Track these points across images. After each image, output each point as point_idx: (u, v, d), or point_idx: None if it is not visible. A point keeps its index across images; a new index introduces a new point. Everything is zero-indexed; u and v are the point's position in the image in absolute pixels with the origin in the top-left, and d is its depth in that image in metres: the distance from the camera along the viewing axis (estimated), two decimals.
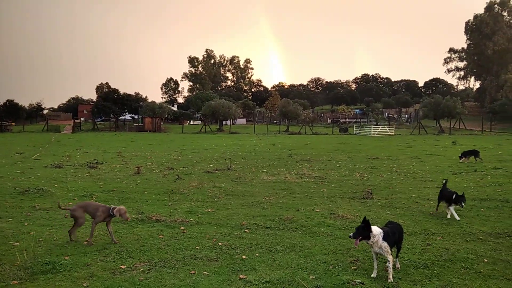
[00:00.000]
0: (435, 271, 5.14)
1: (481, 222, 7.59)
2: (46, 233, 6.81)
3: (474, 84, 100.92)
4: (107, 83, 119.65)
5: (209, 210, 8.72)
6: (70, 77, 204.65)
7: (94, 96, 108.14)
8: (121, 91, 73.46)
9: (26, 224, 7.48)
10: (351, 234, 4.98)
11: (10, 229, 7.09)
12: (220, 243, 6.33)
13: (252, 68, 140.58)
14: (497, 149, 25.13)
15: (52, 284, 4.72)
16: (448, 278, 4.91)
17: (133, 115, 74.39)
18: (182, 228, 7.23)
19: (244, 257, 5.70)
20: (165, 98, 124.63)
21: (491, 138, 39.09)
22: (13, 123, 61.91)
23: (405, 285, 4.72)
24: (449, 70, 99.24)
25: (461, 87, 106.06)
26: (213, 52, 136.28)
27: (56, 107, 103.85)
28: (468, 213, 8.38)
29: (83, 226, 7.34)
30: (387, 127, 53.10)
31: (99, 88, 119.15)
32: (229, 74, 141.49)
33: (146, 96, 78.88)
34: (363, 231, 4.89)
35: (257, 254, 5.83)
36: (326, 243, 6.36)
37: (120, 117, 70.87)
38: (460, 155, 18.61)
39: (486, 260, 5.49)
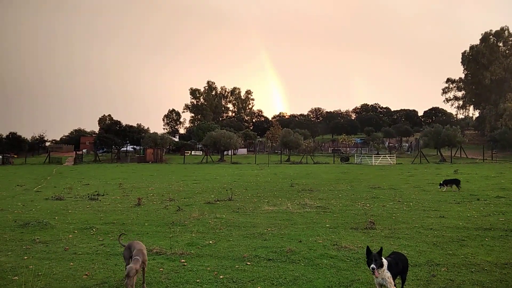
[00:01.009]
0: None
1: (486, 252, 7.49)
2: (46, 267, 6.73)
3: (473, 113, 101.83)
4: (109, 115, 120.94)
5: (210, 241, 8.63)
6: (73, 109, 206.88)
7: (96, 128, 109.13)
8: (123, 122, 74.30)
9: (25, 257, 7.40)
10: (373, 265, 4.80)
11: (9, 263, 7.01)
12: (221, 276, 6.24)
13: (253, 99, 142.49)
14: (500, 178, 25.03)
15: None
16: None
17: (135, 146, 74.77)
18: (182, 260, 7.14)
19: None
20: (166, 129, 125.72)
21: (493, 167, 39.01)
22: (15, 156, 62.19)
23: None
24: (447, 100, 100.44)
25: (460, 116, 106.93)
26: (214, 83, 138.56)
27: (58, 139, 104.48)
28: (473, 243, 8.28)
29: (80, 259, 7.27)
30: (388, 156, 53.12)
31: (102, 120, 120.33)
32: (230, 105, 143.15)
33: (148, 127, 79.74)
34: (380, 260, 4.81)
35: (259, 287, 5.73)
36: (329, 275, 6.27)
37: (122, 148, 71.18)
38: (440, 183, 18.88)
39: None
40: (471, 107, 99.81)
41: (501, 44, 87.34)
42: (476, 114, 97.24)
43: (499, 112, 71.70)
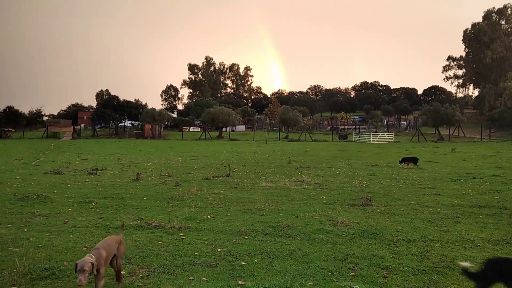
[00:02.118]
0: (434, 278, 5.15)
1: (480, 229, 7.61)
2: (46, 239, 6.82)
3: (473, 92, 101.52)
4: (107, 90, 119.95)
5: (208, 216, 8.73)
6: (70, 83, 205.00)
7: (94, 103, 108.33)
8: (121, 98, 73.84)
9: (25, 230, 7.49)
10: None
11: (9, 235, 7.10)
12: (219, 250, 6.34)
13: (251, 76, 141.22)
14: (496, 156, 25.19)
15: None
16: (446, 284, 4.93)
17: (132, 122, 74.52)
18: (181, 234, 7.24)
19: (243, 263, 5.72)
20: (164, 105, 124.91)
21: (490, 146, 39.18)
22: (13, 130, 62.00)
23: None
24: (447, 78, 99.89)
25: (460, 95, 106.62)
26: (212, 59, 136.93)
27: (56, 113, 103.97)
28: (467, 220, 8.40)
29: (79, 231, 7.36)
30: (387, 134, 53.21)
31: (99, 95, 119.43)
32: (228, 81, 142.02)
33: (146, 103, 79.03)
34: None
35: (255, 260, 5.84)
36: (325, 249, 6.38)
37: (120, 124, 70.97)
38: (400, 160, 19.69)
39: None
40: (471, 86, 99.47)
41: (503, 22, 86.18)
42: (476, 93, 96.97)
43: (499, 91, 71.44)
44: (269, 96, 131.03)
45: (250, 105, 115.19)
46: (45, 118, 79.07)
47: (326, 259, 5.90)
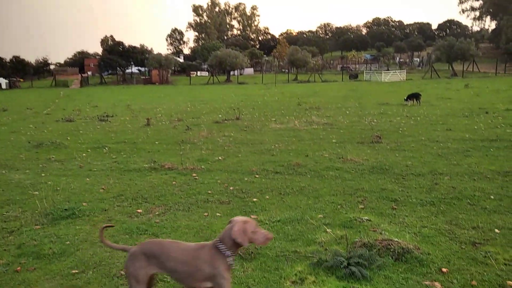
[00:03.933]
0: (442, 208, 5.26)
1: (490, 162, 7.63)
2: (63, 183, 7.05)
3: (489, 24, 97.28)
4: (111, 36, 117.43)
5: (220, 158, 8.87)
6: (74, 30, 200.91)
7: (99, 50, 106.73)
8: (126, 43, 72.36)
9: (43, 175, 7.73)
10: None
11: (28, 179, 7.35)
12: (231, 188, 6.51)
13: (258, 15, 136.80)
14: (511, 91, 24.62)
15: (72, 227, 4.97)
16: (454, 214, 5.04)
17: (139, 68, 73.75)
18: (194, 175, 7.41)
19: (254, 199, 5.88)
20: (170, 49, 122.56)
21: (505, 80, 38.16)
22: (21, 80, 62.01)
23: (411, 220, 4.86)
24: (463, 10, 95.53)
25: (476, 28, 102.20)
26: None
27: (62, 62, 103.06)
28: (477, 153, 8.40)
29: (95, 175, 7.58)
30: (399, 72, 51.97)
31: (104, 42, 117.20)
32: (235, 23, 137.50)
33: (151, 48, 77.58)
34: None
35: (267, 197, 6.00)
36: (334, 185, 6.50)
37: (127, 70, 70.35)
38: (405, 98, 19.22)
39: (492, 197, 5.58)
40: (488, 18, 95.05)
41: None
42: (493, 26, 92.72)
43: None
44: (277, 37, 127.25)
45: (257, 47, 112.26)
46: (51, 66, 78.69)
47: (335, 193, 6.04)
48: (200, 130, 12.81)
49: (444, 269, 3.66)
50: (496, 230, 4.47)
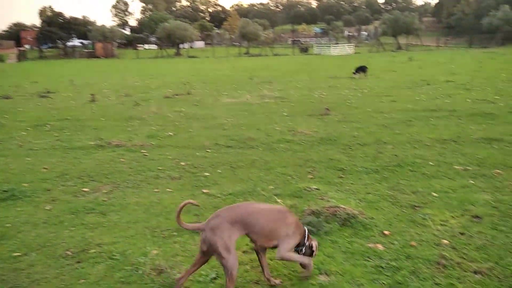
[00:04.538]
0: (385, 175, 5.53)
1: (430, 131, 8.08)
2: (1, 163, 6.63)
3: None
4: (50, 7, 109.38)
5: (170, 133, 8.71)
6: (7, 0, 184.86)
7: (37, 21, 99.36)
8: (67, 14, 67.92)
9: None
10: None
11: None
12: (182, 163, 6.43)
13: None
14: (450, 63, 26.01)
15: (13, 209, 4.71)
16: (396, 180, 5.32)
17: (82, 41, 69.68)
18: (143, 151, 7.24)
19: (206, 174, 5.87)
20: (115, 21, 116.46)
21: (445, 53, 40.21)
22: None
23: (357, 188, 5.08)
24: None
25: (420, 2, 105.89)
26: None
27: None
28: (419, 123, 8.87)
29: (36, 154, 7.19)
30: (347, 46, 53.06)
31: (42, 13, 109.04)
32: None
33: (94, 20, 73.47)
34: None
35: (219, 171, 6.00)
36: (285, 157, 6.62)
37: (69, 43, 66.25)
38: (353, 71, 19.64)
39: (431, 163, 5.94)
40: None
41: None
42: (435, 0, 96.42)
43: None
44: (227, 8, 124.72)
45: (208, 19, 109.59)
46: None
47: (286, 165, 6.16)
48: (149, 106, 12.45)
49: (386, 232, 3.89)
50: (434, 194, 4.78)
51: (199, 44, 75.34)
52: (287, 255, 3.01)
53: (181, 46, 59.19)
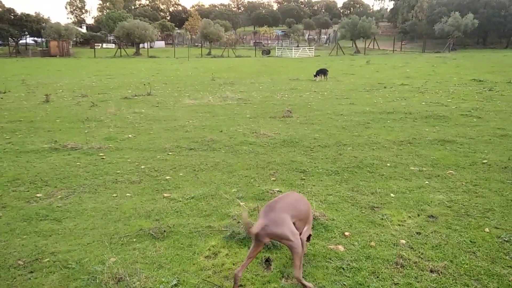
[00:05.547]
0: (345, 176, 5.66)
1: (387, 132, 8.36)
2: None
3: (388, 4, 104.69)
4: (0, 2, 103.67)
5: (130, 135, 8.48)
6: None
7: None
8: (18, 10, 64.58)
9: None
10: None
11: None
12: (142, 166, 6.27)
13: None
14: (406, 67, 27.07)
15: None
16: (356, 181, 5.45)
17: (35, 39, 66.55)
18: (101, 154, 6.99)
19: (167, 177, 5.75)
20: (71, 18, 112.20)
21: (401, 57, 41.77)
22: None
23: (318, 189, 5.15)
24: None
25: (376, 8, 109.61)
26: None
27: None
28: (376, 125, 9.15)
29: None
30: (308, 48, 53.95)
31: None
32: None
33: (48, 17, 70.36)
34: None
35: (181, 174, 5.90)
36: (248, 159, 6.61)
37: (21, 41, 63.05)
38: (314, 74, 20.09)
39: (388, 165, 6.14)
40: None
41: None
42: (391, 5, 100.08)
43: (412, 3, 74.53)
44: (188, 8, 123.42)
45: (168, 18, 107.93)
46: None
47: (249, 167, 6.15)
48: (107, 107, 12.06)
49: (346, 233, 3.97)
50: (392, 195, 4.94)
51: (160, 43, 74.00)
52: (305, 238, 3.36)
53: (141, 45, 57.88)
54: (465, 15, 52.32)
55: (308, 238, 3.49)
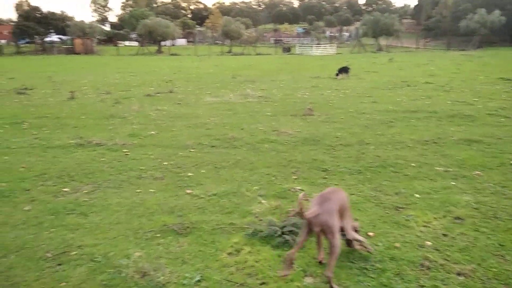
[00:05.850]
0: (368, 176, 5.59)
1: (411, 132, 8.21)
2: None
3: (412, 1, 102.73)
4: (26, 1, 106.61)
5: (153, 132, 8.59)
6: None
7: (13, 16, 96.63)
8: (44, 9, 66.29)
9: None
10: None
11: None
12: (165, 163, 6.35)
13: None
14: (430, 65, 26.50)
15: None
16: (379, 181, 5.38)
17: (61, 37, 68.08)
18: (125, 150, 7.11)
19: (190, 174, 5.80)
20: (95, 16, 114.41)
21: (425, 55, 40.98)
22: None
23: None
24: None
25: (400, 4, 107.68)
26: None
27: None
28: (400, 124, 9.00)
29: (14, 152, 6.97)
30: (329, 46, 53.49)
31: (19, 7, 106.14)
32: None
33: (73, 15, 71.95)
34: None
35: (203, 171, 5.95)
36: (269, 157, 6.61)
37: (47, 39, 64.64)
38: (336, 73, 19.69)
39: (413, 164, 6.03)
40: None
41: None
42: (415, 2, 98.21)
43: (436, 0, 72.93)
44: (209, 6, 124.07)
45: (189, 16, 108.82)
46: None
47: (270, 165, 6.15)
48: (130, 104, 12.26)
49: (370, 233, 3.92)
50: (416, 195, 4.85)
51: (181, 41, 74.69)
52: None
53: (162, 43, 58.54)
54: (491, 11, 50.84)
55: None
